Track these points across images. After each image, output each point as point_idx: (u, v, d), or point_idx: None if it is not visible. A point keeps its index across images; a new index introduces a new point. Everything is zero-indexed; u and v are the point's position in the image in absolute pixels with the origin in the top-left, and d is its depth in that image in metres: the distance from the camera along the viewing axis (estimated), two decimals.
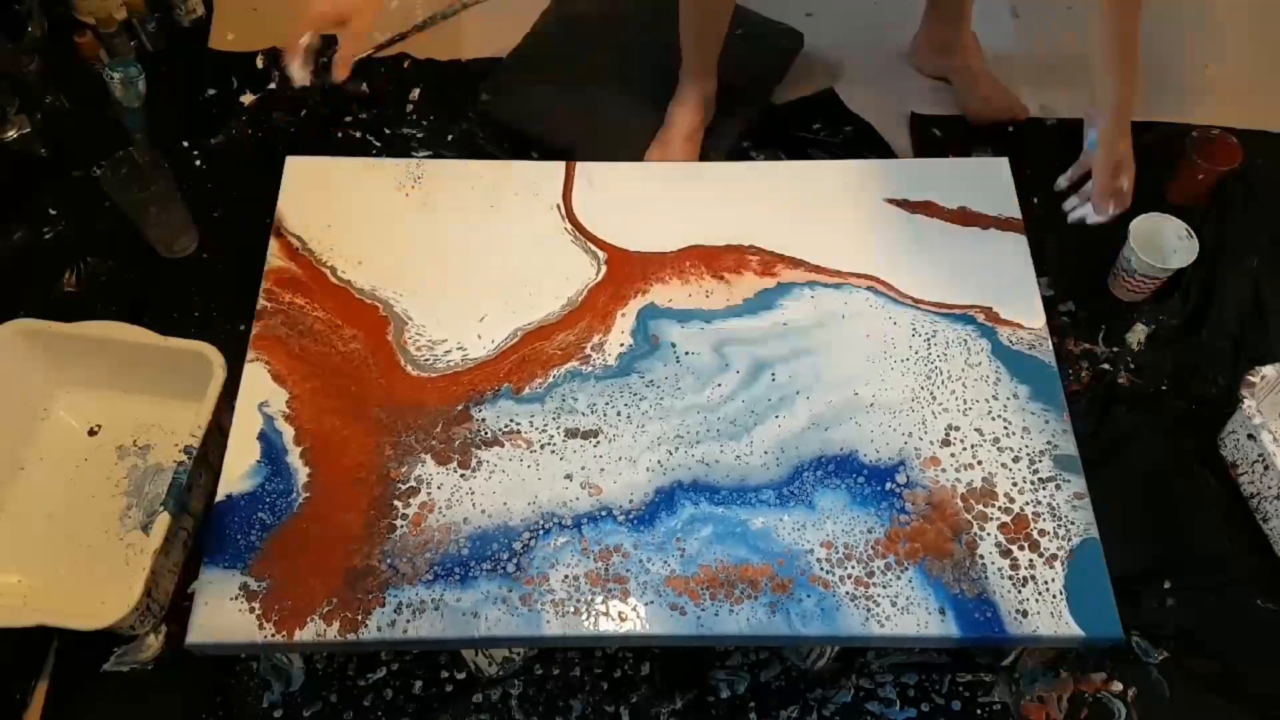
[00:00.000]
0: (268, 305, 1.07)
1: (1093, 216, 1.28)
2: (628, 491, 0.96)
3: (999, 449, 0.99)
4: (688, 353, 1.05)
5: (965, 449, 0.99)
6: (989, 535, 0.94)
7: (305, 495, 0.95)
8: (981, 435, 1.00)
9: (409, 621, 0.90)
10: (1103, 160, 1.25)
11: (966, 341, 1.06)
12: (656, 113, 1.46)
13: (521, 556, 0.93)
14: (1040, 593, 0.91)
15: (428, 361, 1.04)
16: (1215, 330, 1.35)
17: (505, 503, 0.95)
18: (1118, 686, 1.09)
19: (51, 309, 1.20)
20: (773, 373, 1.03)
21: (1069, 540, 0.94)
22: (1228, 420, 1.21)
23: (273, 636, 0.88)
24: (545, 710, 1.07)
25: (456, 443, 0.99)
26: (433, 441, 0.99)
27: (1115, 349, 1.33)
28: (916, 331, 1.06)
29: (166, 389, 1.18)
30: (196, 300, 1.35)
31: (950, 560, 0.93)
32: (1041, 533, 0.94)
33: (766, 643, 1.03)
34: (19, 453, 1.17)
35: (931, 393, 1.02)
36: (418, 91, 1.59)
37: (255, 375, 1.02)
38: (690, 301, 1.08)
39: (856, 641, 0.95)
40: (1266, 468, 1.14)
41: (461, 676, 1.08)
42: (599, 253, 1.12)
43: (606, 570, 0.92)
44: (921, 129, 1.57)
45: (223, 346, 1.12)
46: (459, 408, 1.01)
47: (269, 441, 0.98)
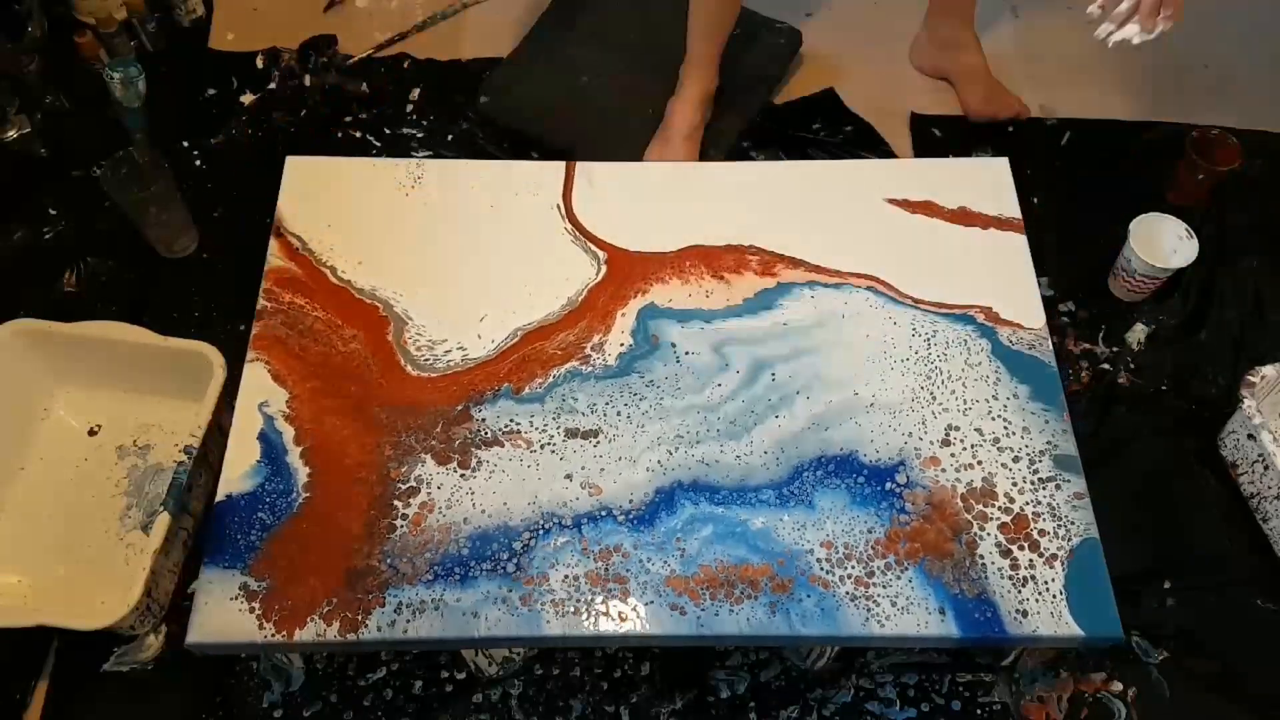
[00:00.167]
0: (268, 305, 1.07)
1: (1139, 35, 1.06)
2: (628, 491, 0.96)
3: (999, 449, 0.99)
4: (688, 353, 1.05)
5: (965, 449, 0.99)
6: (989, 535, 0.94)
7: (305, 495, 0.95)
8: (981, 435, 1.00)
9: (409, 621, 0.90)
10: None
11: (966, 341, 1.06)
12: (656, 112, 1.46)
13: (521, 556, 0.93)
14: (1040, 593, 0.91)
15: (428, 361, 1.04)
16: (1215, 330, 1.35)
17: (505, 503, 0.95)
18: (1118, 686, 1.09)
19: (51, 309, 1.20)
20: (773, 373, 1.03)
21: (1069, 540, 0.94)
22: (1228, 420, 1.21)
23: (273, 636, 0.88)
24: (545, 710, 1.07)
25: (456, 443, 0.99)
26: (433, 441, 0.99)
27: (1115, 349, 1.33)
28: (916, 331, 1.06)
29: (166, 389, 1.18)
30: (196, 300, 1.35)
31: (950, 560, 0.93)
32: (1041, 533, 0.94)
33: (766, 643, 1.03)
34: (19, 453, 1.17)
35: (931, 393, 1.02)
36: (418, 91, 1.59)
37: (255, 375, 1.02)
38: (690, 301, 1.08)
39: (856, 641, 0.95)
40: (1266, 468, 1.14)
41: (461, 676, 1.08)
42: (599, 253, 1.12)
43: (606, 570, 0.92)
44: (921, 129, 1.57)
45: (223, 346, 1.12)
46: (459, 408, 1.01)
47: (269, 441, 0.98)
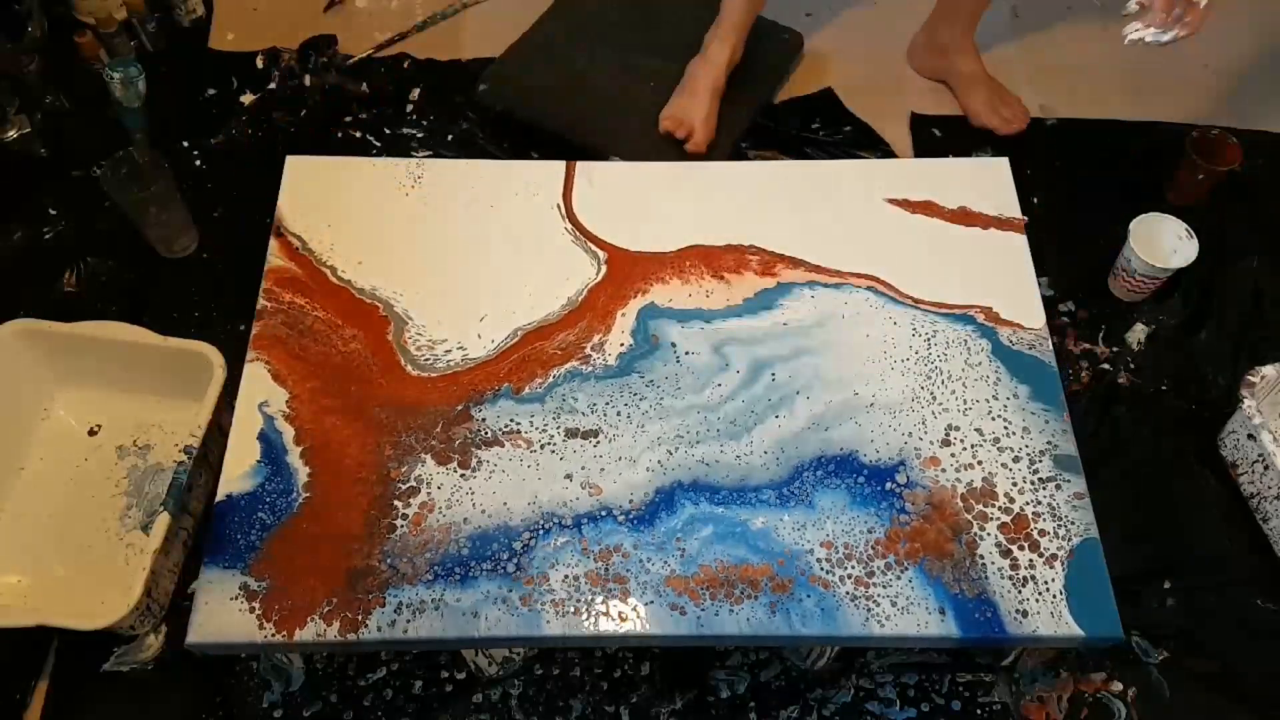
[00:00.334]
0: (268, 305, 1.07)
1: (1153, 35, 1.08)
2: (628, 491, 0.96)
3: (999, 449, 0.99)
4: (688, 352, 1.05)
5: (965, 449, 0.99)
6: (989, 535, 0.94)
7: (305, 495, 0.95)
8: (981, 435, 1.00)
9: (409, 621, 0.89)
10: None
11: (966, 341, 1.06)
12: (656, 112, 1.46)
13: (521, 556, 0.93)
14: (1040, 593, 0.91)
15: (428, 361, 1.04)
16: (1215, 330, 1.35)
17: (505, 503, 0.95)
18: (1118, 686, 1.09)
19: (51, 309, 1.20)
20: (773, 373, 1.03)
21: (1069, 540, 0.94)
22: (1228, 420, 1.21)
23: (273, 636, 0.88)
24: (545, 710, 1.07)
25: (456, 443, 0.98)
26: (433, 441, 0.99)
27: (1115, 349, 1.33)
28: (916, 331, 1.06)
29: (166, 389, 1.18)
30: (196, 300, 1.35)
31: (950, 560, 0.93)
32: (1041, 533, 0.94)
33: (766, 643, 1.03)
34: (19, 453, 1.17)
35: (931, 393, 1.02)
36: (418, 91, 1.59)
37: (255, 375, 1.02)
38: (690, 301, 1.08)
39: (856, 641, 0.95)
40: (1266, 468, 1.14)
41: (461, 676, 1.08)
42: (599, 252, 1.12)
43: (606, 570, 0.92)
44: (921, 129, 1.57)
45: (223, 346, 1.12)
46: (459, 408, 1.01)
47: (269, 441, 0.98)
